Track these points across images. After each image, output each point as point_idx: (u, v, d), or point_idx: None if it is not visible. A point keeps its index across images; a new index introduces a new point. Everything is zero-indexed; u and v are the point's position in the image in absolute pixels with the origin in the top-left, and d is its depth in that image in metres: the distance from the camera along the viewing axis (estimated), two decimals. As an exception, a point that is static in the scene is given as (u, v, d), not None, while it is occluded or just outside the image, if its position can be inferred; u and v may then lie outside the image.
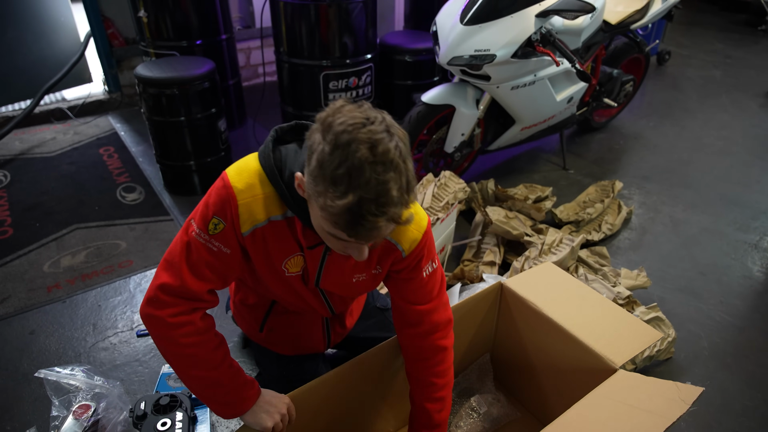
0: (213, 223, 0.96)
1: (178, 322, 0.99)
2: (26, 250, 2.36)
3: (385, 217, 0.78)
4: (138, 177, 2.98)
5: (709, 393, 1.74)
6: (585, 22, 2.57)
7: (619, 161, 3.26)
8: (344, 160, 0.76)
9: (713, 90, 4.36)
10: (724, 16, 6.55)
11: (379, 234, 0.82)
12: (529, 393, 1.55)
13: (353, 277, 1.12)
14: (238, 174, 0.97)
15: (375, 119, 0.79)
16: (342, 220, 0.78)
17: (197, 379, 1.02)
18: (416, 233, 1.07)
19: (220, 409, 1.05)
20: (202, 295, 1.01)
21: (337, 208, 0.77)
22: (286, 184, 0.95)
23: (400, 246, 1.07)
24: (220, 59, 3.19)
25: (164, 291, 0.99)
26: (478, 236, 2.34)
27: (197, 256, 0.98)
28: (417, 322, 1.17)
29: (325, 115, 0.81)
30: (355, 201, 0.76)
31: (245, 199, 0.95)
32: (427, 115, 2.47)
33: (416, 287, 1.14)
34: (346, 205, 0.76)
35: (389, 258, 1.09)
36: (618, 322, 1.33)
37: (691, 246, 2.48)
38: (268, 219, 0.97)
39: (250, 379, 1.09)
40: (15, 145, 3.31)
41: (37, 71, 3.51)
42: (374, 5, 3.01)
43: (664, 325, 1.87)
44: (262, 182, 0.96)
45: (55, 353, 1.86)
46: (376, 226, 0.79)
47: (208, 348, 1.02)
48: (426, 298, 1.16)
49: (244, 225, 0.97)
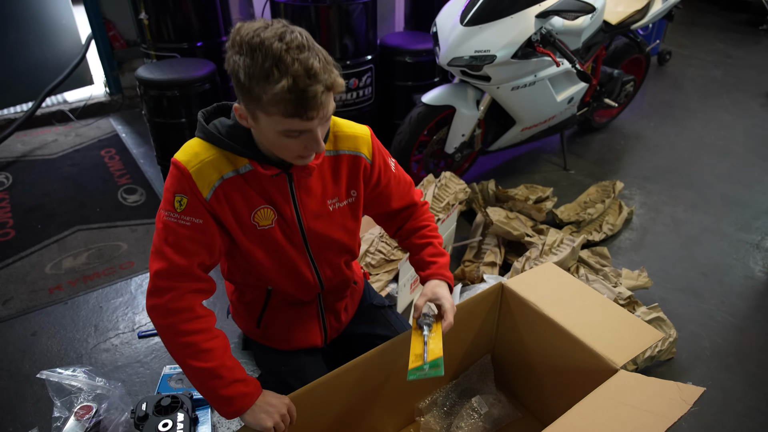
0: (176, 200, 1.04)
1: (178, 307, 1.03)
2: (28, 252, 2.37)
3: (320, 85, 0.89)
4: (139, 178, 2.98)
5: (710, 393, 1.74)
6: (585, 23, 2.57)
7: (619, 161, 3.26)
8: (265, 56, 0.88)
9: (714, 90, 4.36)
10: (724, 15, 6.54)
11: (324, 107, 0.92)
12: (530, 393, 1.55)
13: (328, 204, 1.17)
14: (181, 152, 1.06)
15: (272, 22, 0.92)
16: (289, 102, 0.89)
17: (198, 371, 1.05)
18: (364, 135, 1.19)
19: (222, 407, 1.06)
20: (193, 269, 1.06)
21: (281, 93, 0.88)
22: (225, 137, 1.05)
23: (360, 152, 1.17)
24: (220, 61, 3.18)
25: (158, 276, 1.04)
26: (478, 237, 2.34)
27: (174, 234, 1.04)
28: (407, 209, 1.34)
29: (231, 39, 0.93)
30: (291, 81, 0.87)
31: (194, 165, 1.03)
32: (427, 116, 2.47)
33: (395, 184, 1.28)
34: (285, 87, 0.87)
35: (359, 174, 1.18)
36: (619, 323, 1.33)
37: (693, 246, 2.48)
38: (222, 178, 1.05)
39: (251, 378, 1.11)
40: (17, 147, 3.31)
41: (38, 74, 3.52)
42: (374, 6, 3.01)
43: (665, 325, 1.87)
44: (205, 149, 1.05)
45: (57, 354, 1.86)
46: (317, 96, 0.90)
47: (207, 337, 1.06)
48: (407, 188, 1.32)
49: (204, 190, 1.03)
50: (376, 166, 1.21)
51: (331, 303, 1.38)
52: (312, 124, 0.94)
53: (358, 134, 1.18)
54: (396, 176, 1.29)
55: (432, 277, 1.26)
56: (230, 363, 1.07)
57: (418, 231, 1.34)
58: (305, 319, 1.35)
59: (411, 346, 1.20)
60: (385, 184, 1.26)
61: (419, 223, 1.35)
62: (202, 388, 1.07)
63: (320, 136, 0.98)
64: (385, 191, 1.27)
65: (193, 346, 1.04)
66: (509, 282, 1.47)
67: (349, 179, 1.19)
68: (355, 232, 1.27)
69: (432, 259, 1.29)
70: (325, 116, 0.95)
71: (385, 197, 1.29)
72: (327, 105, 0.94)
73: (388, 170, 1.26)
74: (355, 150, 1.17)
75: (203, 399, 1.64)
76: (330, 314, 1.39)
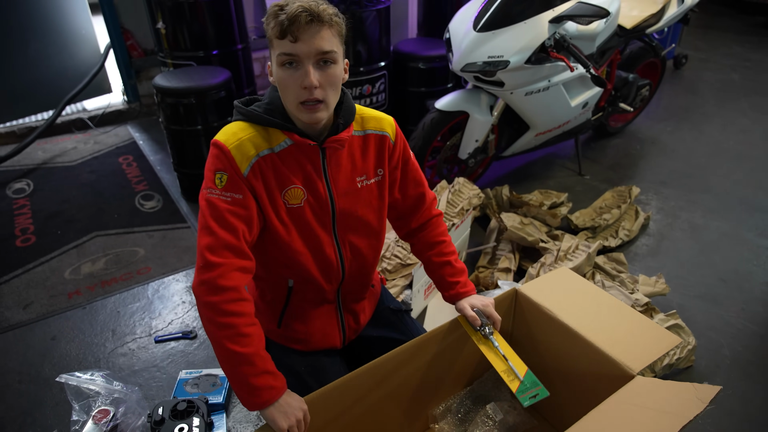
0: (217, 177, 1.11)
1: (226, 285, 1.07)
2: (48, 257, 2.42)
3: (307, 12, 1.02)
4: (156, 185, 3.03)
5: (730, 402, 1.70)
6: (599, 27, 2.55)
7: (635, 166, 3.22)
8: (276, 5, 1.05)
9: (732, 94, 4.30)
10: (741, 19, 6.46)
11: (309, 33, 1.03)
12: (546, 400, 1.53)
13: (357, 181, 1.24)
14: (221, 134, 1.14)
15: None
16: (279, 24, 1.03)
17: (232, 354, 1.07)
18: (389, 119, 1.29)
19: (248, 396, 1.08)
20: (239, 244, 1.10)
21: (273, 13, 1.04)
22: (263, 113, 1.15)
23: (386, 131, 1.26)
24: (236, 68, 3.23)
25: (209, 250, 1.08)
26: (492, 243, 2.33)
27: (217, 210, 1.10)
28: (420, 204, 1.39)
29: None
30: (287, 13, 1.02)
31: (233, 143, 1.11)
32: (440, 122, 2.47)
33: (413, 169, 1.35)
34: (276, 9, 1.04)
35: (384, 151, 1.26)
36: (635, 327, 1.31)
37: (711, 252, 2.44)
38: (258, 154, 1.12)
39: (279, 373, 1.13)
40: (38, 154, 3.38)
41: (59, 83, 3.60)
42: (388, 13, 3.03)
43: (683, 332, 1.84)
44: (242, 128, 1.13)
45: (76, 358, 1.89)
46: (300, 17, 1.01)
47: (247, 321, 1.09)
48: (422, 179, 1.38)
49: (242, 165, 1.10)
50: (398, 147, 1.29)
51: (350, 303, 1.40)
52: (298, 48, 1.04)
53: (382, 117, 1.28)
54: (413, 163, 1.36)
55: (460, 297, 1.36)
56: (264, 353, 1.10)
57: (435, 247, 1.39)
58: (325, 318, 1.37)
59: (491, 362, 1.26)
60: (404, 168, 1.33)
61: (436, 238, 1.40)
62: (231, 373, 1.09)
63: (313, 74, 1.06)
64: (404, 174, 1.34)
65: (233, 327, 1.07)
66: (523, 287, 1.46)
67: (377, 157, 1.26)
68: (382, 214, 1.32)
69: (453, 280, 1.37)
70: (315, 49, 1.05)
71: (403, 180, 1.35)
72: (315, 34, 1.04)
73: (407, 152, 1.33)
74: (381, 130, 1.25)
75: (219, 404, 1.65)
76: (349, 315, 1.41)
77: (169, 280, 2.28)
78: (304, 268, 1.25)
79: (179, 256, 2.42)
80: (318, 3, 1.05)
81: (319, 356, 1.39)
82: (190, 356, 1.90)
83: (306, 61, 1.05)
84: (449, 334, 1.37)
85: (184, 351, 1.92)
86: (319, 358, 1.39)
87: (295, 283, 1.29)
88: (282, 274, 1.29)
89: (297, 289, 1.30)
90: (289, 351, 1.40)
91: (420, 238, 1.41)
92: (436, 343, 1.35)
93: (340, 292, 1.35)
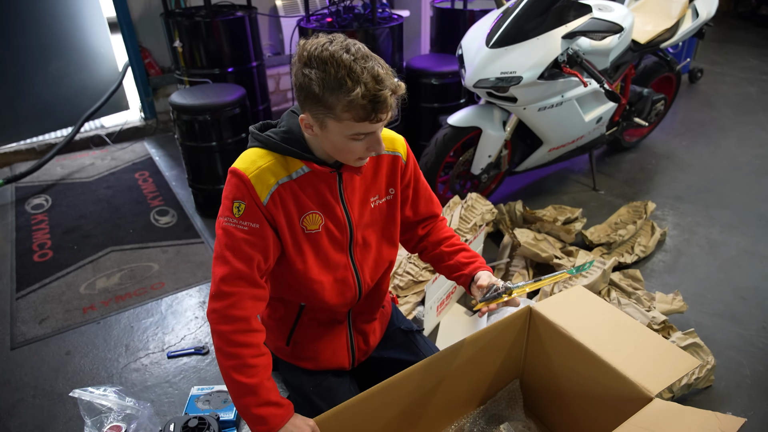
0: (235, 206, 1.10)
1: (236, 315, 1.09)
2: (64, 272, 2.45)
3: (387, 89, 0.99)
4: (171, 200, 3.06)
5: (751, 424, 1.66)
6: (613, 43, 2.55)
7: (651, 181, 3.19)
8: (337, 67, 0.96)
9: (749, 107, 4.25)
10: (757, 32, 6.41)
11: (391, 109, 1.03)
12: (561, 421, 1.50)
13: (371, 201, 1.25)
14: (239, 161, 1.13)
15: (334, 36, 1.01)
16: (362, 107, 0.98)
17: (238, 384, 1.08)
18: (401, 139, 1.30)
19: (252, 424, 1.10)
20: (253, 274, 1.10)
21: (357, 99, 0.96)
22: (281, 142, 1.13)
23: (398, 151, 1.27)
24: (250, 85, 3.28)
25: (223, 281, 1.09)
26: (506, 258, 2.31)
27: (234, 238, 1.10)
28: (431, 222, 1.41)
29: (298, 55, 1.02)
30: (364, 88, 0.96)
31: (253, 172, 1.10)
32: (453, 138, 2.48)
33: (424, 188, 1.37)
34: (359, 93, 0.96)
35: (397, 171, 1.27)
36: (653, 349, 1.28)
37: (730, 269, 2.40)
38: (278, 183, 1.11)
39: (285, 400, 1.13)
40: (57, 170, 3.45)
41: (78, 100, 3.68)
42: (401, 30, 3.05)
43: (702, 351, 1.80)
44: (261, 157, 1.12)
45: (89, 374, 1.90)
46: (387, 100, 0.99)
47: (254, 353, 1.10)
48: (432, 197, 1.40)
49: (262, 194, 1.09)
50: (409, 166, 1.30)
51: (360, 324, 1.39)
52: (378, 126, 1.03)
53: (395, 137, 1.28)
54: (424, 182, 1.38)
55: (479, 269, 1.31)
56: (269, 384, 1.11)
57: (445, 241, 1.39)
58: (334, 338, 1.36)
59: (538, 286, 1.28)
60: (415, 186, 1.35)
61: (444, 234, 1.40)
62: (236, 401, 1.11)
63: (381, 138, 1.08)
64: (415, 192, 1.35)
65: (239, 358, 1.08)
66: (538, 305, 1.44)
67: (388, 176, 1.27)
68: (394, 233, 1.33)
69: (470, 260, 1.34)
70: (389, 118, 1.05)
71: (414, 198, 1.36)
72: (391, 107, 1.03)
73: (418, 172, 1.35)
74: (393, 150, 1.26)
75: (230, 421, 1.65)
76: (359, 335, 1.40)
77: (183, 295, 2.29)
78: (318, 296, 1.24)
79: (193, 272, 2.43)
80: (385, 68, 1.01)
81: (327, 376, 1.38)
82: (202, 372, 1.90)
83: (378, 130, 1.06)
84: (462, 354, 1.35)
85: (197, 367, 1.92)
86: (327, 378, 1.38)
87: (306, 304, 1.29)
88: (294, 299, 1.29)
89: (308, 309, 1.30)
90: (297, 370, 1.39)
91: (429, 240, 1.41)
92: (448, 362, 1.34)
93: (351, 312, 1.35)
